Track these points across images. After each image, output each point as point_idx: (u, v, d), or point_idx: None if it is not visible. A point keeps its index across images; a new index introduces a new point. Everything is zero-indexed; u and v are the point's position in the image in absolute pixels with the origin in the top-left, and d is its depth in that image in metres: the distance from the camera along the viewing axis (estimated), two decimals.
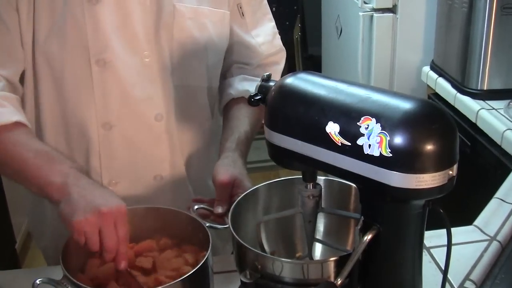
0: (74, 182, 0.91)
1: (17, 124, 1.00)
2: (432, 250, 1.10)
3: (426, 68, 2.19)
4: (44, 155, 0.97)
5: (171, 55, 1.12)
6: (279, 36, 1.31)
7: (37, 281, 0.84)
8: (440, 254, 1.09)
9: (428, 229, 0.80)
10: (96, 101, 1.09)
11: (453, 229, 0.79)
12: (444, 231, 0.78)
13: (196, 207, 1.02)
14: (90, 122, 1.11)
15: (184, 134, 1.20)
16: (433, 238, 1.09)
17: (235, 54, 1.25)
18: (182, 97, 1.17)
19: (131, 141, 1.13)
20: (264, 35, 1.26)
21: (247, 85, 1.23)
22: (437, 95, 2.08)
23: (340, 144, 0.71)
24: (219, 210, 1.02)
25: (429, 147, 0.66)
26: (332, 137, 0.72)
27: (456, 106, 1.92)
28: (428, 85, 2.18)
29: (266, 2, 1.28)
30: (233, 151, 1.13)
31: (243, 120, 1.21)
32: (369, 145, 0.68)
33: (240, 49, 1.25)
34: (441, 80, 2.06)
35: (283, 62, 1.33)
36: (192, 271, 0.85)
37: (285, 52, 1.33)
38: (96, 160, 1.13)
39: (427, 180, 0.67)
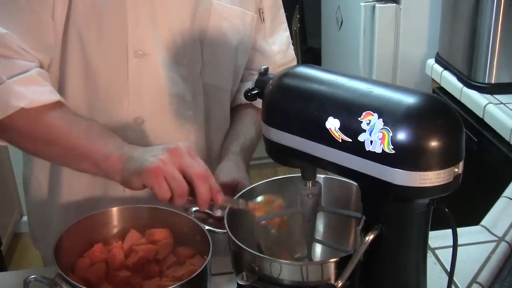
0: (131, 150, 0.95)
1: (59, 104, 1.02)
2: (437, 251, 1.10)
3: (431, 61, 2.19)
4: (95, 130, 1.01)
5: (202, 52, 1.14)
6: (292, 47, 1.34)
7: (30, 278, 0.84)
8: (445, 255, 1.09)
9: (433, 229, 0.80)
10: (130, 94, 1.10)
11: (459, 229, 0.79)
12: (449, 231, 0.78)
13: (194, 209, 1.02)
14: (121, 116, 1.11)
15: (209, 134, 1.22)
16: (438, 238, 1.10)
17: (251, 60, 1.28)
18: (209, 96, 1.19)
19: (161, 138, 1.14)
20: (280, 44, 1.29)
21: None
22: (442, 89, 2.08)
23: (340, 141, 0.71)
24: (218, 213, 1.02)
25: (434, 143, 0.66)
26: (332, 133, 0.72)
27: (462, 101, 1.92)
28: (432, 78, 2.18)
29: (283, 12, 1.31)
30: (237, 155, 1.16)
31: (249, 126, 1.24)
32: (371, 142, 0.68)
33: (256, 55, 1.27)
34: (446, 74, 2.06)
35: None
36: (193, 275, 0.85)
37: (296, 62, 1.35)
38: None
39: (432, 178, 0.67)
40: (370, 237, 0.74)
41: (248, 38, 1.21)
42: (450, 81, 2.02)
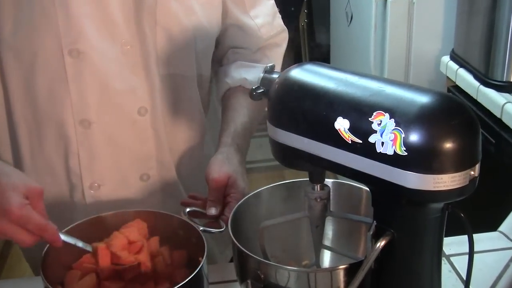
0: None
1: None
2: (452, 259, 1.10)
3: (446, 58, 2.18)
4: None
5: (154, 42, 1.11)
6: (280, 15, 1.29)
7: None
8: (461, 263, 1.09)
9: (448, 235, 0.80)
10: (72, 96, 1.09)
11: (475, 236, 0.79)
12: (465, 237, 0.78)
13: (187, 209, 1.03)
14: (66, 120, 1.10)
15: (172, 129, 1.19)
16: (453, 245, 1.10)
17: (231, 38, 1.25)
18: (169, 88, 1.16)
19: (112, 139, 1.13)
20: (264, 16, 1.25)
21: (244, 73, 1.22)
22: (457, 87, 2.08)
23: (350, 142, 0.71)
24: (212, 211, 1.02)
25: (449, 145, 0.66)
26: (342, 134, 0.72)
27: (479, 100, 1.92)
28: (447, 76, 2.18)
29: None
30: (229, 146, 1.13)
31: (240, 110, 1.21)
32: (382, 143, 0.68)
33: (237, 32, 1.24)
34: (462, 71, 2.06)
35: (285, 44, 1.32)
36: (185, 281, 0.85)
37: (287, 33, 1.32)
38: (75, 161, 1.13)
39: (446, 181, 0.67)
40: (381, 244, 0.74)
41: (209, 18, 1.17)
42: (466, 79, 2.02)
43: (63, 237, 0.92)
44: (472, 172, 0.69)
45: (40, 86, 1.09)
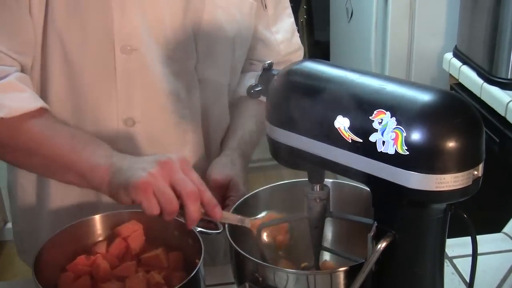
0: (119, 160, 0.94)
1: (41, 110, 1.01)
2: (455, 260, 1.10)
3: (449, 55, 2.19)
4: (81, 138, 1.00)
5: (197, 46, 1.13)
6: (298, 34, 1.33)
7: None
8: (464, 265, 1.09)
9: (450, 236, 0.80)
10: (119, 94, 1.09)
11: (479, 237, 0.79)
12: (468, 239, 0.78)
13: None
14: (109, 118, 1.11)
15: (207, 133, 1.22)
16: (456, 246, 1.10)
17: (252, 50, 1.27)
18: (206, 93, 1.18)
19: (155, 140, 1.14)
20: (284, 32, 1.28)
21: None
22: (461, 85, 2.08)
23: (350, 141, 0.71)
24: None
25: (451, 144, 0.66)
26: (342, 132, 0.72)
27: (483, 98, 1.92)
28: (450, 74, 2.18)
29: None
30: (233, 150, 1.15)
31: (248, 118, 1.23)
32: (383, 142, 0.68)
33: (258, 45, 1.26)
34: (465, 69, 2.06)
35: None
36: (182, 284, 0.85)
37: (303, 51, 1.35)
38: None
39: (449, 182, 0.67)
40: (382, 245, 0.74)
41: (247, 28, 1.20)
42: (470, 77, 2.02)
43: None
44: (476, 172, 0.69)
45: (85, 81, 1.09)
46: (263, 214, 0.95)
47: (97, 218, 1.01)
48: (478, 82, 1.95)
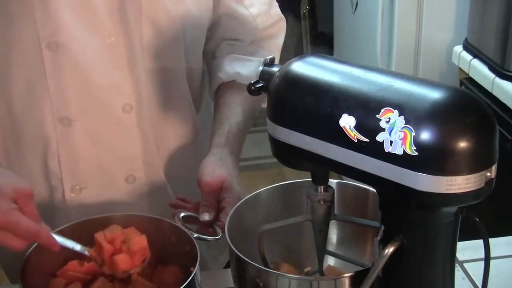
0: None
1: None
2: (465, 265, 1.10)
3: (458, 48, 2.18)
4: None
5: (140, 34, 1.10)
6: (277, 3, 1.28)
7: None
8: (475, 270, 1.09)
9: (461, 239, 0.80)
10: (51, 92, 1.08)
11: (491, 240, 0.79)
12: (479, 242, 0.78)
13: (182, 214, 1.03)
14: (44, 118, 1.10)
15: (161, 127, 1.19)
16: (467, 250, 1.10)
17: (224, 28, 1.24)
18: (156, 83, 1.15)
19: (96, 138, 1.12)
20: (259, 4, 1.24)
21: (238, 67, 1.22)
22: (471, 80, 2.08)
23: (356, 141, 0.71)
24: (206, 217, 1.02)
25: (463, 144, 0.66)
26: (347, 132, 0.72)
27: (494, 93, 1.92)
28: (460, 68, 2.17)
29: None
30: (222, 147, 1.13)
31: (234, 108, 1.20)
32: (391, 142, 0.68)
33: (230, 22, 1.23)
34: (476, 62, 2.06)
35: (283, 35, 1.31)
36: None
37: (285, 22, 1.31)
38: (55, 162, 1.13)
39: (460, 184, 0.67)
40: (389, 250, 0.74)
41: (198, 7, 1.16)
42: (481, 71, 2.02)
43: (59, 240, 0.91)
44: (489, 174, 0.69)
45: (15, 82, 1.08)
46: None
47: (89, 221, 1.00)
48: (490, 77, 1.95)
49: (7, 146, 1.13)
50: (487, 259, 0.79)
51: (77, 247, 0.93)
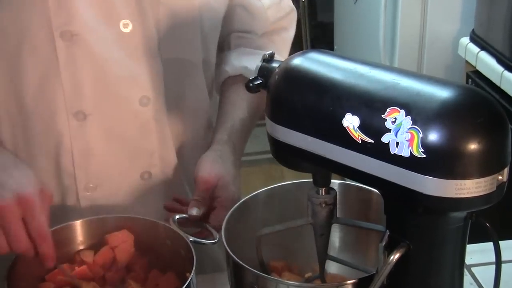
0: None
1: None
2: (473, 269, 1.10)
3: (465, 40, 2.18)
4: None
5: (157, 23, 1.10)
6: None
7: None
8: (483, 274, 1.09)
9: (468, 242, 0.79)
10: (64, 85, 1.07)
11: (501, 243, 0.78)
12: (488, 244, 0.78)
13: (177, 216, 1.02)
14: (57, 112, 1.09)
15: (177, 120, 1.19)
16: (475, 253, 1.09)
17: (235, 20, 1.25)
18: (173, 74, 1.15)
19: (111, 132, 1.12)
20: None
21: (245, 61, 1.22)
22: (478, 73, 2.08)
23: (360, 142, 0.71)
24: (193, 212, 1.02)
25: (473, 146, 0.65)
26: (351, 132, 0.71)
27: (503, 87, 1.92)
28: (467, 60, 2.18)
29: None
30: (224, 144, 1.14)
31: (239, 104, 1.21)
32: (397, 143, 0.68)
33: (242, 13, 1.24)
34: (483, 55, 2.06)
35: (294, 27, 1.33)
36: None
37: (296, 13, 1.32)
38: (68, 159, 1.12)
39: (470, 188, 0.66)
40: (395, 256, 0.74)
41: None
42: (488, 64, 2.02)
43: None
44: (500, 177, 0.68)
45: (27, 74, 1.07)
46: None
47: (78, 223, 1.00)
48: (498, 70, 1.95)
49: (16, 143, 1.12)
50: (498, 263, 0.79)
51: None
